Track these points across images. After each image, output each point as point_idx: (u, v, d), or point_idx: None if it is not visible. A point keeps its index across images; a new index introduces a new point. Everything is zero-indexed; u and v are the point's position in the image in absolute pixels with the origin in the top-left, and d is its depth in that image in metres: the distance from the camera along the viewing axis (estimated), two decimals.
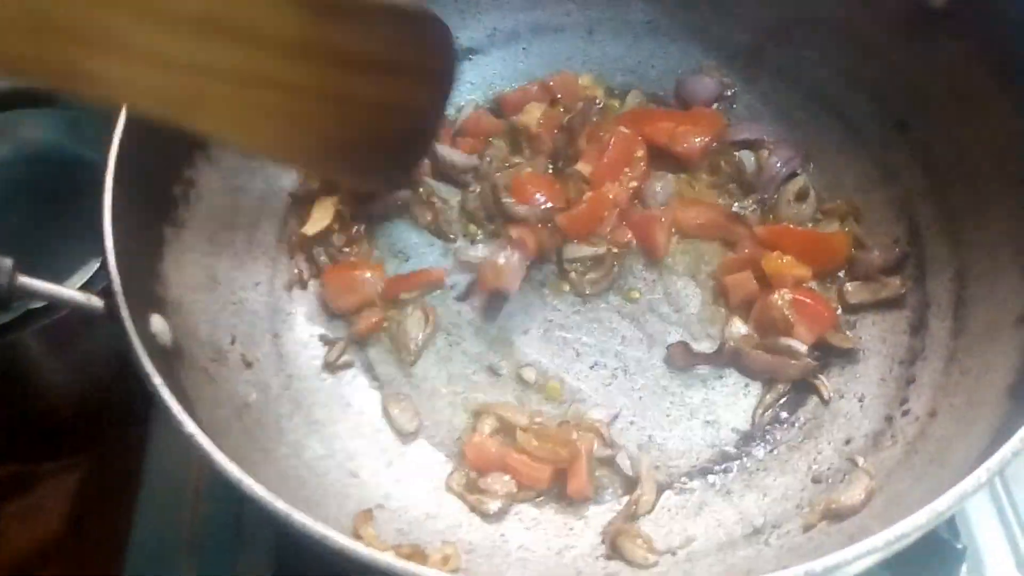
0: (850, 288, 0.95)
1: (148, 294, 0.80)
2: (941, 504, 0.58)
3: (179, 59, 0.64)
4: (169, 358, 0.78)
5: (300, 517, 0.61)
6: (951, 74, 0.91)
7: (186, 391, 0.75)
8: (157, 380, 0.67)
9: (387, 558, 0.58)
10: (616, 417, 0.90)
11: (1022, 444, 0.60)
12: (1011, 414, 0.68)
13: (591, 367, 0.94)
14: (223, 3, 0.64)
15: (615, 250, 1.00)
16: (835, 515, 0.77)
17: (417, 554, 0.78)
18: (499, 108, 1.12)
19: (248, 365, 0.90)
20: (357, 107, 0.75)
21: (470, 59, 1.14)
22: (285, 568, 0.90)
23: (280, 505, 0.61)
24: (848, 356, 0.91)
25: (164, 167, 0.87)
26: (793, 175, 1.03)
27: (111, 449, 1.09)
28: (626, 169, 1.03)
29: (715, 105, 1.09)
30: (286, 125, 0.73)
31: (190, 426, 0.65)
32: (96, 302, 0.73)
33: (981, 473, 0.59)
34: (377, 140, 0.79)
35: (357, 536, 0.78)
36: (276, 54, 0.68)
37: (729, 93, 1.10)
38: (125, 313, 0.70)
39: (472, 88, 1.14)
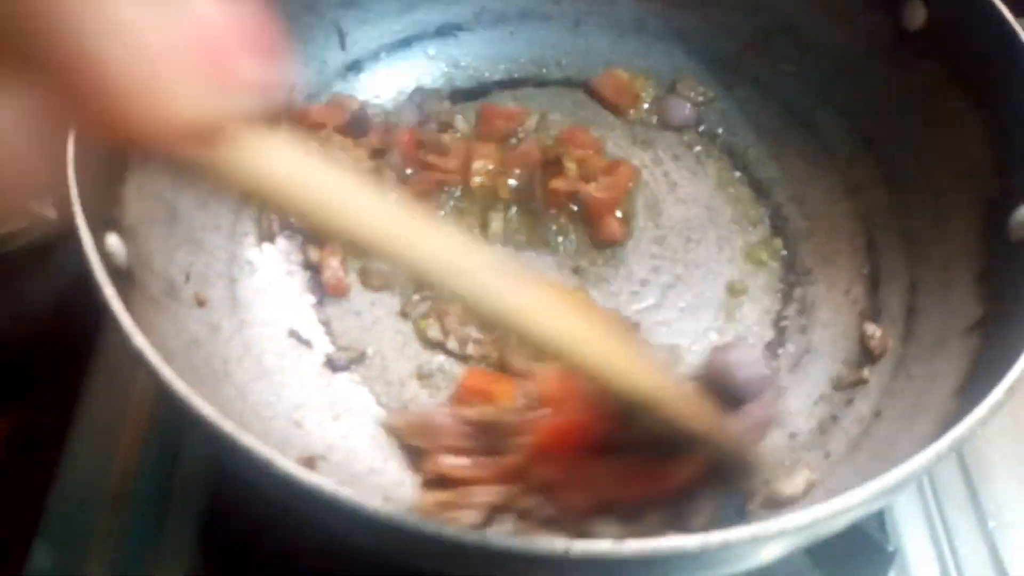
0: None
1: (105, 214, 0.77)
2: (889, 479, 0.59)
3: None
4: (122, 280, 0.75)
5: (248, 439, 0.59)
6: (922, 95, 0.93)
7: (136, 316, 0.73)
8: (109, 291, 0.64)
9: (333, 486, 0.57)
10: None
11: (970, 432, 0.61)
12: (956, 412, 0.69)
13: None
14: None
15: None
16: (773, 504, 0.78)
17: None
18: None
19: (200, 304, 0.87)
20: None
21: (455, 36, 1.15)
22: (214, 520, 0.87)
23: (228, 425, 0.59)
24: (797, 355, 0.93)
25: None
26: None
27: (41, 397, 1.03)
28: None
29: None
30: None
31: (138, 338, 0.62)
32: (49, 211, 0.70)
33: (930, 453, 0.59)
34: None
35: None
36: None
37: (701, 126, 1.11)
38: (81, 220, 0.66)
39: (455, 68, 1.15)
